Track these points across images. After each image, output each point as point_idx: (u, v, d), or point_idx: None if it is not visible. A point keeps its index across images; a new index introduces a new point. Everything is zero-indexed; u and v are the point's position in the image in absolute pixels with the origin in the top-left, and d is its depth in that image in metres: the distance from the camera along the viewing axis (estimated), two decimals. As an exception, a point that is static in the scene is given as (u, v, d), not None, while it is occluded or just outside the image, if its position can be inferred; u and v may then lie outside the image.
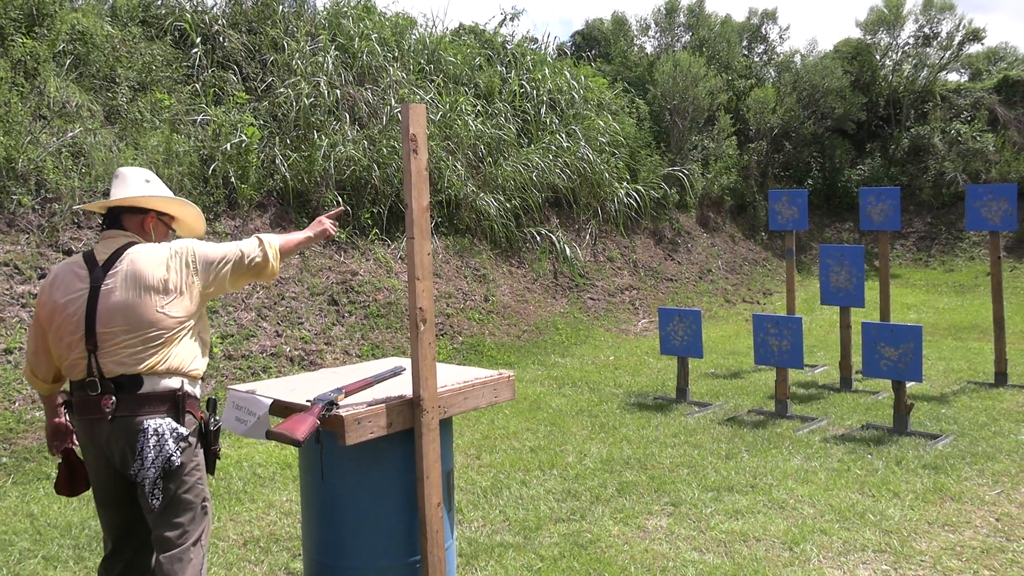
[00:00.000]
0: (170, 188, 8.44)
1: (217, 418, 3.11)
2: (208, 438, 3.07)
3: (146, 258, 2.93)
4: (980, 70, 22.14)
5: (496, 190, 12.13)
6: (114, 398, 2.85)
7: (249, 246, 3.15)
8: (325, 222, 3.48)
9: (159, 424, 2.84)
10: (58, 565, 4.29)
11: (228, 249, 3.10)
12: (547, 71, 14.95)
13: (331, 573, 3.42)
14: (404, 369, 3.61)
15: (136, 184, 3.09)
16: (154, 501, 2.84)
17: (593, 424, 6.90)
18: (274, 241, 3.23)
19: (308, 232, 3.45)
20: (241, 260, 3.10)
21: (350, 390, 3.26)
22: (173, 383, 2.92)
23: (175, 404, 2.92)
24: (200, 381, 3.10)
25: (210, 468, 3.11)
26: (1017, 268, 16.37)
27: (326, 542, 3.42)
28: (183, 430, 2.89)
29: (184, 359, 2.95)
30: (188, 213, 3.27)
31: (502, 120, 13.16)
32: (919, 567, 4.05)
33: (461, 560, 4.22)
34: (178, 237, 3.27)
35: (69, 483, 3.12)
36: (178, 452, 2.85)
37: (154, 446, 2.81)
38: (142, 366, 2.86)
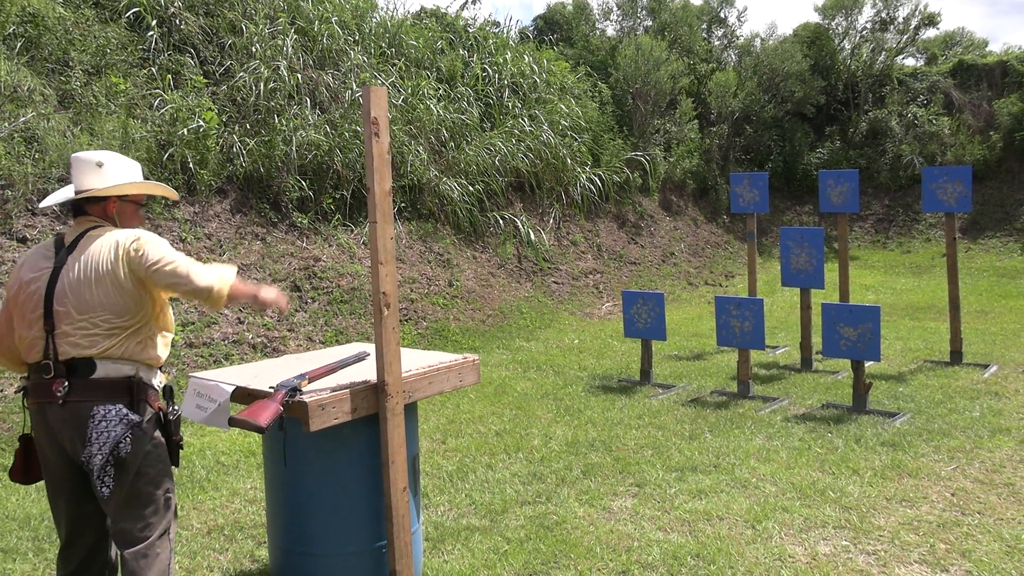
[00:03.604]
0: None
1: (176, 407, 3.04)
2: (168, 428, 3.01)
3: (98, 244, 2.90)
4: (936, 54, 22.48)
5: (459, 175, 12.09)
6: (66, 382, 2.81)
7: (201, 271, 2.95)
8: (279, 298, 3.23)
9: (108, 410, 2.80)
10: (17, 557, 4.22)
11: (177, 258, 2.93)
12: (509, 55, 14.90)
13: (297, 560, 3.41)
14: (368, 354, 3.60)
15: (87, 174, 3.01)
16: (103, 489, 2.78)
17: (558, 407, 6.93)
18: (229, 277, 3.03)
19: (261, 292, 3.18)
20: (185, 276, 2.90)
21: (313, 376, 3.24)
22: (127, 369, 2.88)
23: (129, 391, 2.88)
24: (160, 371, 3.04)
25: (173, 459, 3.06)
26: (972, 249, 16.70)
27: (291, 529, 3.41)
28: (135, 417, 2.84)
29: (139, 346, 2.91)
30: (146, 190, 3.18)
31: (464, 104, 13.10)
32: (878, 542, 4.14)
33: (428, 544, 4.22)
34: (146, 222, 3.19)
35: (24, 469, 3.05)
36: (127, 439, 2.80)
37: (102, 431, 2.76)
38: (95, 349, 2.83)
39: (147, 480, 2.92)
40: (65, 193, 3.11)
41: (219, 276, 2.99)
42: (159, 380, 3.02)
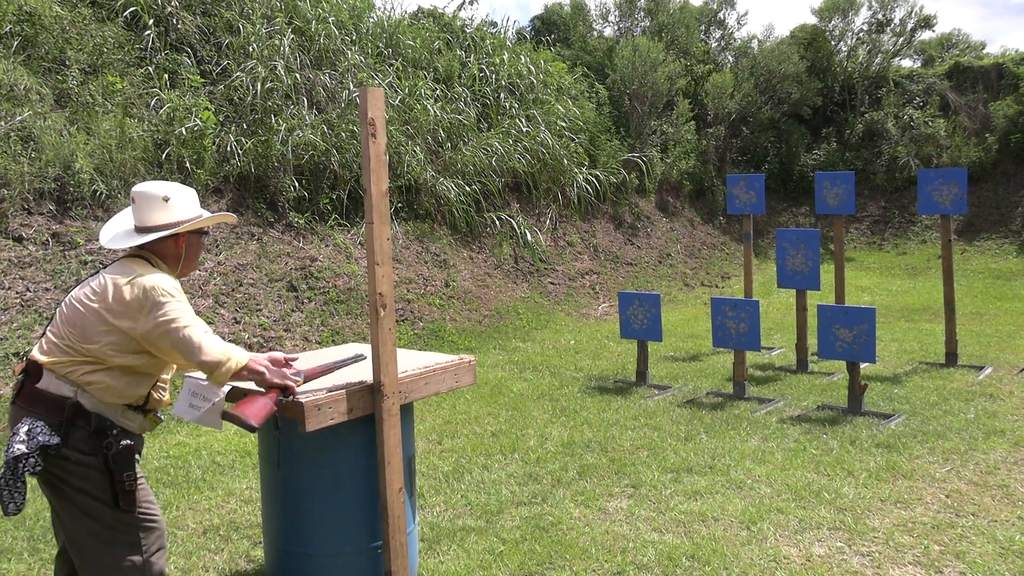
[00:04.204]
0: (123, 175, 8.30)
1: (126, 442, 2.82)
2: (108, 464, 2.78)
3: (110, 274, 2.82)
4: (932, 56, 22.53)
5: (456, 175, 12.09)
6: (22, 384, 2.80)
7: (214, 352, 2.81)
8: (283, 377, 3.04)
9: (23, 424, 2.69)
10: (12, 557, 4.22)
11: (192, 329, 2.79)
12: (506, 55, 14.90)
13: (292, 560, 3.41)
14: (365, 357, 3.60)
15: (154, 210, 2.91)
16: (9, 505, 2.66)
17: (554, 408, 6.94)
18: (241, 360, 2.89)
19: (268, 374, 2.98)
20: (193, 347, 2.79)
21: (310, 375, 3.24)
22: (66, 389, 2.75)
23: (62, 412, 2.73)
24: (126, 410, 2.86)
25: (122, 502, 2.81)
26: (967, 251, 16.74)
27: (287, 529, 3.41)
28: (44, 439, 2.67)
29: (90, 376, 2.76)
30: (217, 221, 3.14)
31: (461, 105, 13.10)
32: (872, 543, 4.15)
33: (423, 545, 4.22)
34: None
35: None
36: (31, 460, 2.65)
37: (12, 444, 2.66)
38: (48, 357, 2.77)
39: (86, 531, 2.80)
40: (123, 226, 2.99)
41: (229, 353, 2.85)
42: (117, 416, 2.83)
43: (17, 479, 2.65)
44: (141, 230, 2.94)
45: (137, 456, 2.92)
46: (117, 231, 3.02)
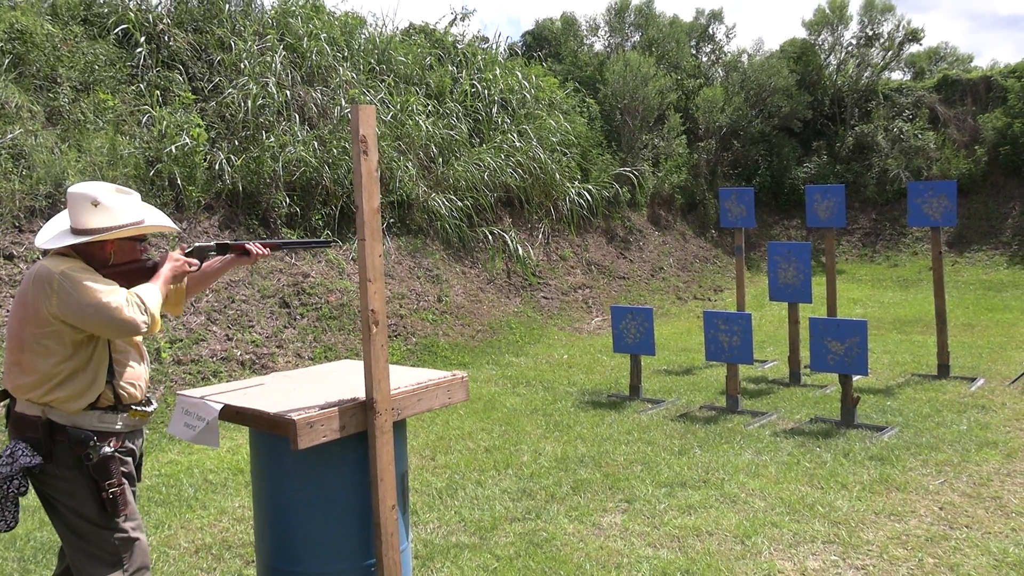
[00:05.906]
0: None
1: (107, 449, 2.82)
2: (91, 474, 2.80)
3: (29, 275, 2.79)
4: (922, 69, 22.68)
5: (448, 190, 12.11)
6: (8, 409, 2.88)
7: (131, 310, 2.77)
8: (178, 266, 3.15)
9: (8, 447, 2.76)
10: (2, 578, 4.19)
11: (110, 298, 2.74)
12: (498, 71, 14.95)
13: (285, 579, 3.39)
14: (334, 243, 3.67)
15: (83, 212, 2.83)
16: (0, 523, 2.75)
17: (547, 423, 6.92)
18: (154, 300, 2.88)
19: (167, 272, 3.07)
20: (115, 316, 2.73)
21: (265, 245, 3.47)
22: (36, 410, 2.78)
23: (37, 431, 2.77)
24: (102, 414, 2.86)
25: (108, 507, 2.83)
26: (958, 263, 16.81)
27: (279, 547, 3.39)
28: (26, 460, 2.72)
29: (50, 397, 2.76)
30: (144, 231, 3.00)
31: (453, 120, 13.14)
32: (866, 556, 4.14)
33: (417, 562, 4.21)
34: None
35: None
36: (14, 480, 2.71)
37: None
38: (11, 383, 2.82)
39: (81, 534, 2.84)
40: (60, 226, 2.93)
41: (153, 315, 2.85)
42: (94, 423, 2.84)
43: (7, 499, 2.74)
44: (74, 231, 2.86)
45: (130, 460, 2.96)
46: (55, 231, 2.93)
